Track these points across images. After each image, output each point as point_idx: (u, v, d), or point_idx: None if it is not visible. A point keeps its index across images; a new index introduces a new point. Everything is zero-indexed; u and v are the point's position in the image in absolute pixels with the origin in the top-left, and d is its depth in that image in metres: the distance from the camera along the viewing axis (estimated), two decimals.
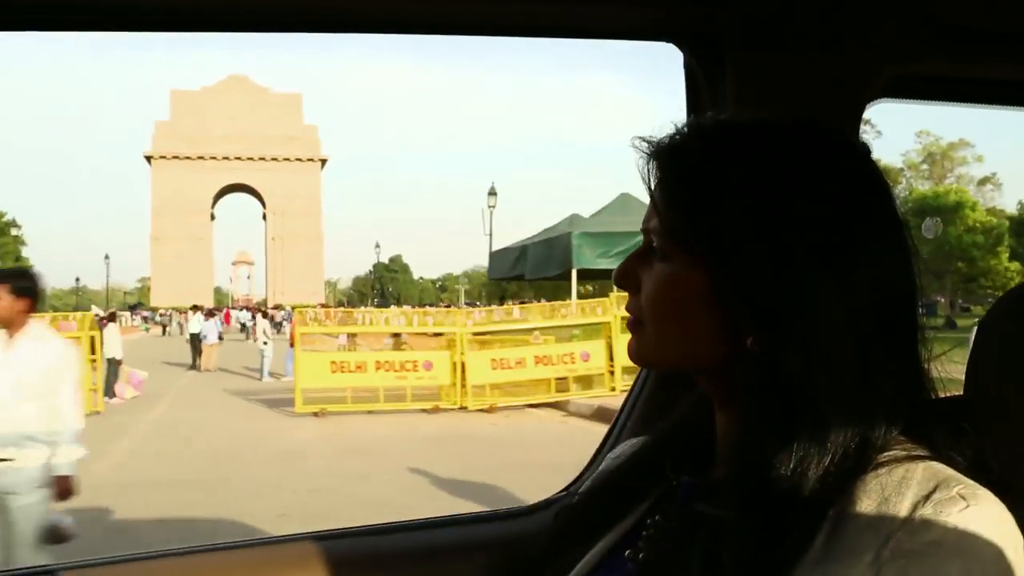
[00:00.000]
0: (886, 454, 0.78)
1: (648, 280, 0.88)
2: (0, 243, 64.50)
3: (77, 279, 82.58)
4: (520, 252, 16.40)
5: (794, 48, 1.27)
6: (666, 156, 0.88)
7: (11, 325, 4.17)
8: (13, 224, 65.42)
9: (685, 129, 0.89)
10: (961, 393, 0.96)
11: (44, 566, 1.29)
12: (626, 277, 0.92)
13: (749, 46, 1.27)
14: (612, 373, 14.70)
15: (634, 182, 0.92)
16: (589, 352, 15.04)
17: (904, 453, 0.78)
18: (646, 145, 0.89)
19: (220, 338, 23.48)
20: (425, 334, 16.78)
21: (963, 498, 0.73)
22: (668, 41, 1.32)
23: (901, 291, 0.83)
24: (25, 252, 65.19)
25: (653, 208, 0.88)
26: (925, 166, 60.28)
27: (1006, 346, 0.95)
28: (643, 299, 0.89)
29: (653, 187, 0.88)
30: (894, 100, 1.29)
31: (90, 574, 1.31)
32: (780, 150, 0.84)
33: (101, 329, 15.76)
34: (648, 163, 0.88)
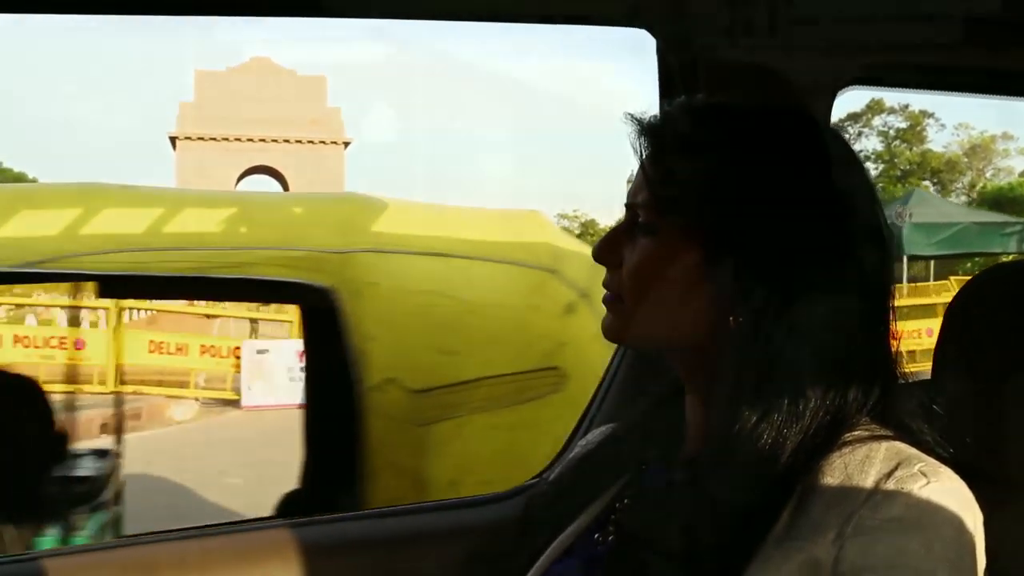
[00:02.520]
0: (851, 434, 0.79)
1: (632, 255, 0.88)
2: None
3: None
4: None
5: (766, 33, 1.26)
6: (663, 130, 0.88)
7: None
8: None
9: (681, 106, 0.90)
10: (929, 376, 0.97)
11: (24, 554, 1.30)
12: (608, 251, 0.91)
13: (721, 32, 1.26)
14: None
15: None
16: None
17: (868, 433, 0.80)
18: (637, 121, 0.89)
19: None
20: None
21: (924, 475, 0.75)
22: (639, 27, 1.31)
23: (882, 279, 0.85)
24: None
25: (643, 182, 0.88)
26: (966, 159, 59.37)
27: (968, 331, 0.95)
28: (625, 274, 0.89)
29: (645, 160, 0.88)
30: (866, 88, 1.28)
31: (71, 562, 1.32)
32: (780, 137, 0.86)
33: None
34: (640, 137, 0.88)
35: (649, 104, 0.89)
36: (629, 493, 0.97)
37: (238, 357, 11.87)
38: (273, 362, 11.46)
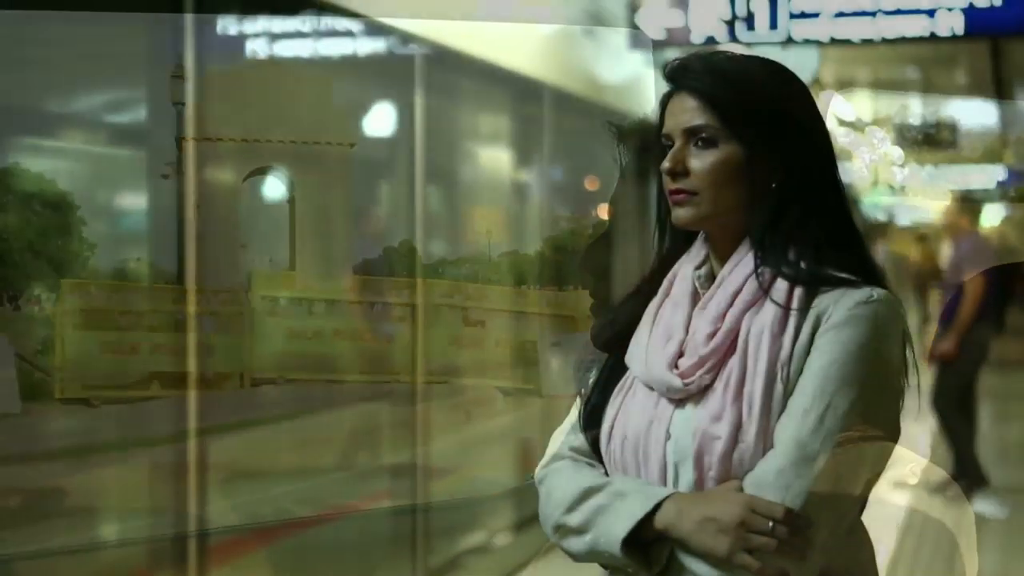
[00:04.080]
0: (842, 435, 0.79)
1: (620, 263, 0.89)
2: (69, 222, 65.99)
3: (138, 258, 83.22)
4: None
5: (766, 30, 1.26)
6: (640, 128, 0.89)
7: None
8: (75, 205, 66.37)
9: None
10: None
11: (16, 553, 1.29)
12: (593, 262, 0.92)
13: (720, 28, 1.26)
14: None
15: None
16: None
17: (859, 434, 0.79)
18: (618, 128, 0.89)
19: None
20: None
21: (915, 475, 0.75)
22: (639, 28, 1.31)
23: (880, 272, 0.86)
24: (85, 232, 66.13)
25: (623, 189, 0.89)
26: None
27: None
28: (611, 284, 0.89)
29: (624, 166, 0.89)
30: (864, 89, 1.28)
31: (73, 560, 1.32)
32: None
33: None
34: (618, 145, 0.89)
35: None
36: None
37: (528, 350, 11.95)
38: (565, 354, 11.55)
